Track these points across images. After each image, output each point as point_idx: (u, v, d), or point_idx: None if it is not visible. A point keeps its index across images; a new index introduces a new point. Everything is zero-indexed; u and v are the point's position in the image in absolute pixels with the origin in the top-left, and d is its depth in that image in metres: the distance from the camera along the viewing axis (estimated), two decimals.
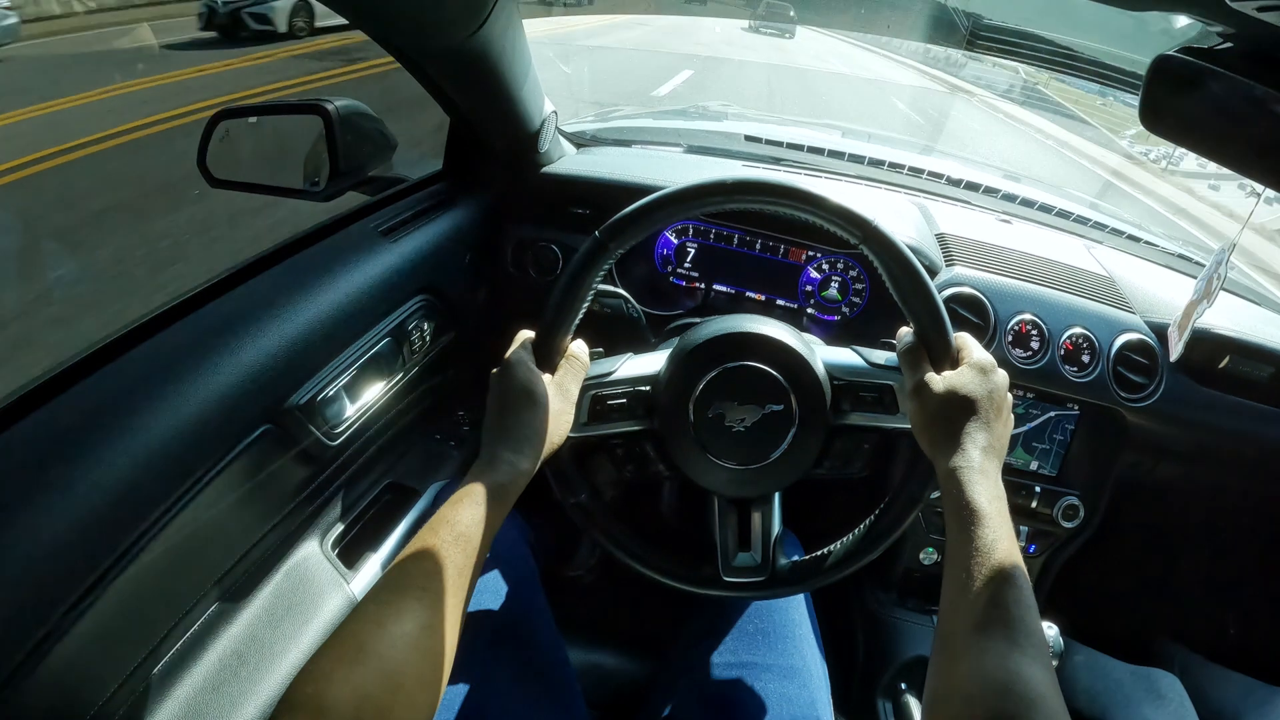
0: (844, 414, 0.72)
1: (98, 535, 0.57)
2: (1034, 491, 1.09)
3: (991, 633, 0.47)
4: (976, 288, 1.06)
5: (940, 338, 0.66)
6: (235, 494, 0.72)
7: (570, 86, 6.74)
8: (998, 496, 0.57)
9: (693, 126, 1.70)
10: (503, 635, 0.77)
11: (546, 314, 0.67)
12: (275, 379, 0.74)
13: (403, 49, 0.82)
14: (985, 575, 0.51)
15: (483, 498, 0.56)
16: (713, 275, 1.17)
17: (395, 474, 1.03)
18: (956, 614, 0.51)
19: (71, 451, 0.57)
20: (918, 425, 0.65)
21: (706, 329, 0.73)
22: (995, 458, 0.61)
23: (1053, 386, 1.06)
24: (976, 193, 1.34)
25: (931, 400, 0.63)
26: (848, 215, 0.66)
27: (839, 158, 1.35)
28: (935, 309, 0.65)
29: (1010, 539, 0.53)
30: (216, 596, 0.73)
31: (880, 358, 0.73)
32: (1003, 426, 0.64)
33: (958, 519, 0.56)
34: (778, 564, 0.73)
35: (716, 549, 0.74)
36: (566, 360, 0.68)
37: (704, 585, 0.73)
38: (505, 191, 1.15)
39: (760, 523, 0.74)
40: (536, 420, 0.63)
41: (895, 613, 1.16)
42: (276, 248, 0.86)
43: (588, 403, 0.70)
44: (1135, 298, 1.13)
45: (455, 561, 0.52)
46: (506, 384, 0.64)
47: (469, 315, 1.13)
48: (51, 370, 0.64)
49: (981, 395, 0.62)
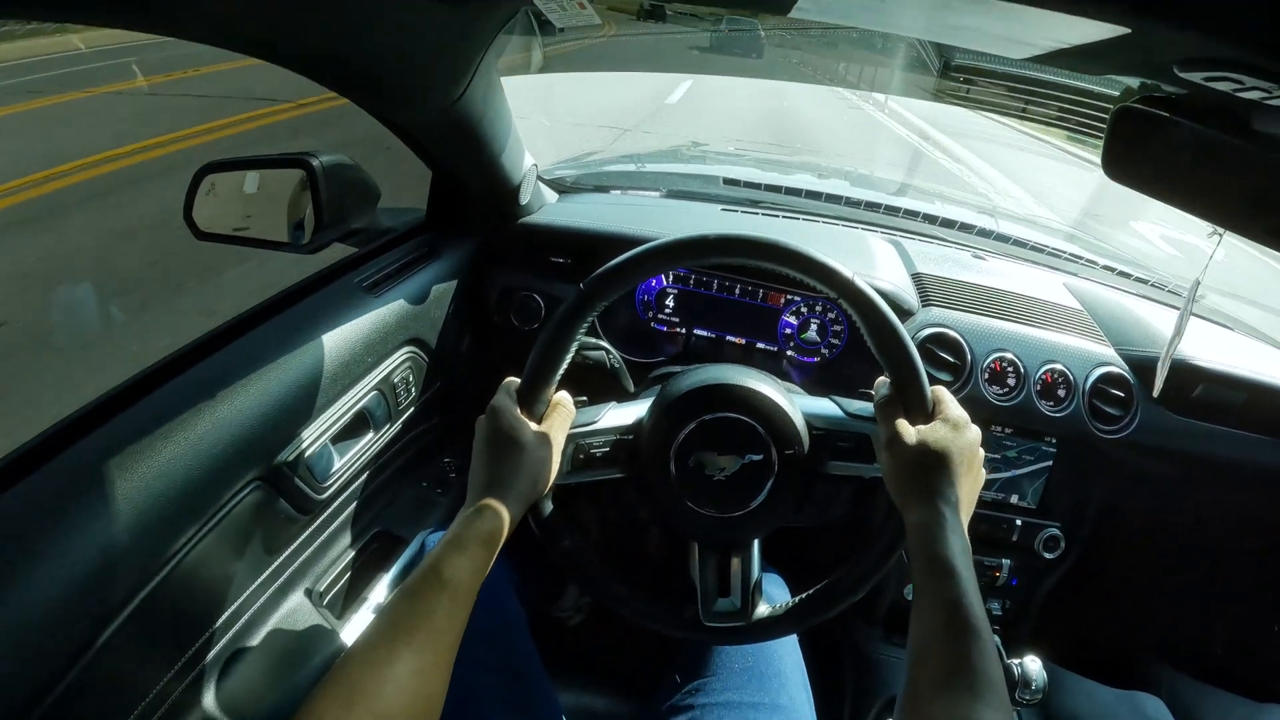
0: (822, 463, 0.74)
1: (88, 600, 0.57)
2: (1015, 525, 1.10)
3: (956, 684, 0.49)
4: (952, 328, 1.08)
5: (916, 391, 0.67)
6: (225, 551, 0.73)
7: (589, 108, 7.16)
8: (964, 550, 0.59)
9: (671, 170, 1.73)
10: (493, 682, 0.77)
11: (532, 364, 0.68)
12: (263, 437, 0.75)
13: (385, 115, 0.84)
14: (950, 628, 0.53)
15: (469, 545, 0.57)
16: (693, 320, 1.18)
17: (383, 522, 1.04)
18: (923, 665, 0.52)
19: (60, 518, 0.57)
20: (889, 477, 0.66)
21: (687, 380, 0.74)
22: (963, 512, 0.63)
23: (1030, 422, 1.08)
24: (952, 229, 1.37)
25: (904, 453, 0.65)
26: (827, 273, 0.68)
27: (816, 198, 1.38)
28: (912, 363, 0.67)
29: (974, 592, 0.55)
30: (208, 652, 0.73)
31: (857, 408, 0.75)
32: (972, 483, 0.66)
33: (924, 571, 0.58)
34: (757, 609, 0.74)
35: (697, 593, 0.75)
36: (552, 409, 0.70)
37: (685, 629, 0.74)
38: (488, 241, 1.18)
39: (740, 568, 0.75)
40: (522, 468, 0.64)
41: (881, 649, 1.16)
42: (262, 306, 0.87)
43: (571, 450, 0.72)
44: (1109, 329, 1.15)
45: (444, 608, 0.53)
46: (492, 431, 0.65)
47: (455, 364, 1.14)
48: (41, 434, 0.64)
49: (954, 450, 0.64)
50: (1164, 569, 1.24)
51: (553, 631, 1.04)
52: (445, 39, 0.74)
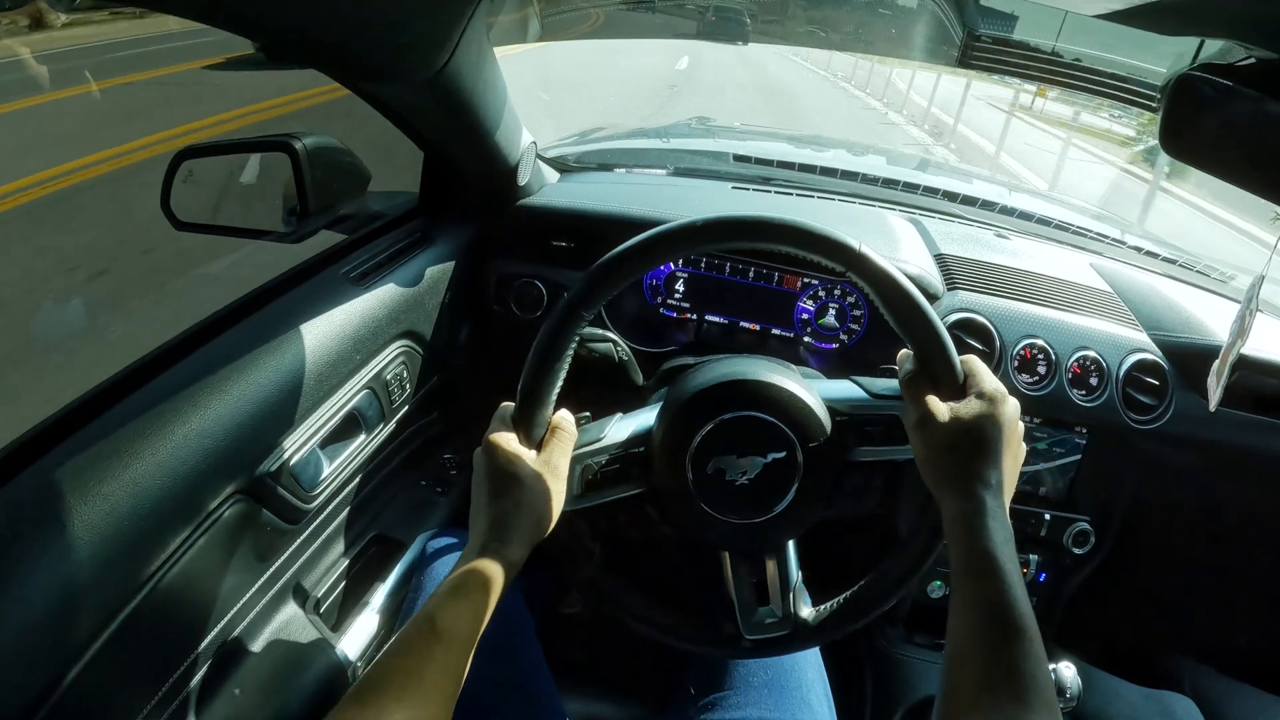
0: (850, 451, 0.68)
1: (68, 620, 0.54)
2: (1043, 519, 1.06)
3: (1000, 691, 0.45)
4: (981, 313, 1.02)
5: (944, 363, 0.61)
6: (207, 570, 0.69)
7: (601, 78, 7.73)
8: (1006, 540, 0.53)
9: (679, 147, 1.66)
10: (498, 697, 0.75)
11: (523, 387, 0.62)
12: (241, 447, 0.70)
13: (365, 89, 0.77)
14: (994, 628, 0.49)
15: (469, 591, 0.54)
16: (705, 306, 1.12)
17: (380, 526, 0.99)
18: (964, 668, 0.49)
19: (14, 550, 0.53)
20: (922, 460, 0.61)
21: (696, 379, 0.69)
22: (1004, 496, 0.57)
23: (1061, 412, 1.02)
24: (973, 207, 1.30)
25: (936, 434, 0.59)
26: (831, 245, 0.61)
27: (832, 175, 1.31)
28: (937, 334, 0.61)
29: (1019, 586, 0.51)
30: (200, 669, 0.70)
31: (881, 387, 0.69)
32: (1013, 462, 0.60)
33: (964, 567, 0.53)
34: (799, 615, 0.69)
35: (735, 606, 0.70)
36: (552, 433, 0.64)
37: (727, 647, 0.70)
38: (485, 225, 1.11)
39: (777, 573, 0.70)
40: (523, 505, 0.59)
41: (904, 649, 1.12)
42: (238, 304, 0.81)
43: (579, 474, 0.66)
44: (1141, 313, 1.09)
45: (437, 660, 0.50)
46: (489, 468, 0.61)
47: (453, 357, 1.08)
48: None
49: (991, 427, 0.58)
50: (1194, 563, 1.20)
51: (562, 635, 1.00)
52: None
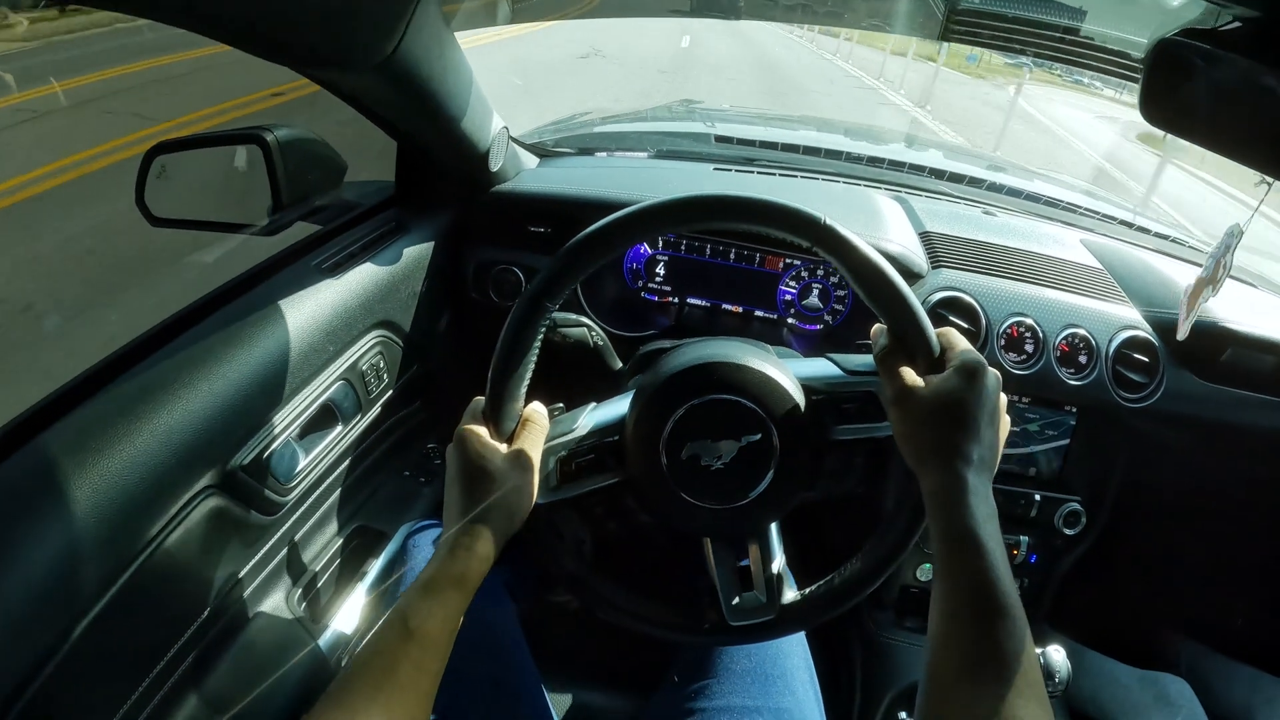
0: (828, 430, 0.67)
1: (39, 618, 0.54)
2: (1033, 500, 1.04)
3: (984, 673, 0.45)
4: (966, 291, 1.00)
5: (918, 335, 0.60)
6: (181, 566, 0.68)
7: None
8: (989, 517, 0.52)
9: (660, 129, 1.64)
10: (480, 695, 0.74)
11: (492, 381, 0.62)
12: (212, 442, 0.69)
13: (321, 78, 0.76)
14: (977, 608, 0.47)
15: (439, 589, 0.53)
16: (686, 289, 1.11)
17: (363, 517, 0.99)
18: (947, 649, 0.47)
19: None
20: (901, 436, 0.59)
21: (666, 365, 0.68)
22: (986, 472, 0.55)
23: (1049, 391, 1.01)
24: (960, 184, 1.28)
25: (915, 410, 0.57)
26: (793, 218, 0.59)
27: (815, 154, 1.29)
28: (909, 306, 0.59)
29: (1003, 564, 0.49)
30: (181, 664, 0.70)
31: (856, 363, 0.67)
32: (995, 436, 0.58)
33: (945, 546, 0.51)
34: (784, 600, 0.68)
35: (718, 593, 0.69)
36: (523, 426, 0.64)
37: (711, 635, 0.69)
38: (460, 212, 1.10)
39: (760, 557, 0.69)
40: (495, 500, 0.59)
41: (893, 633, 1.11)
42: (207, 298, 0.80)
43: (554, 465, 0.65)
44: (1131, 289, 1.07)
45: (411, 658, 0.50)
46: (460, 463, 0.60)
47: (433, 346, 1.08)
48: None
49: (970, 401, 0.56)
50: (1187, 542, 1.19)
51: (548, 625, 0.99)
52: None
